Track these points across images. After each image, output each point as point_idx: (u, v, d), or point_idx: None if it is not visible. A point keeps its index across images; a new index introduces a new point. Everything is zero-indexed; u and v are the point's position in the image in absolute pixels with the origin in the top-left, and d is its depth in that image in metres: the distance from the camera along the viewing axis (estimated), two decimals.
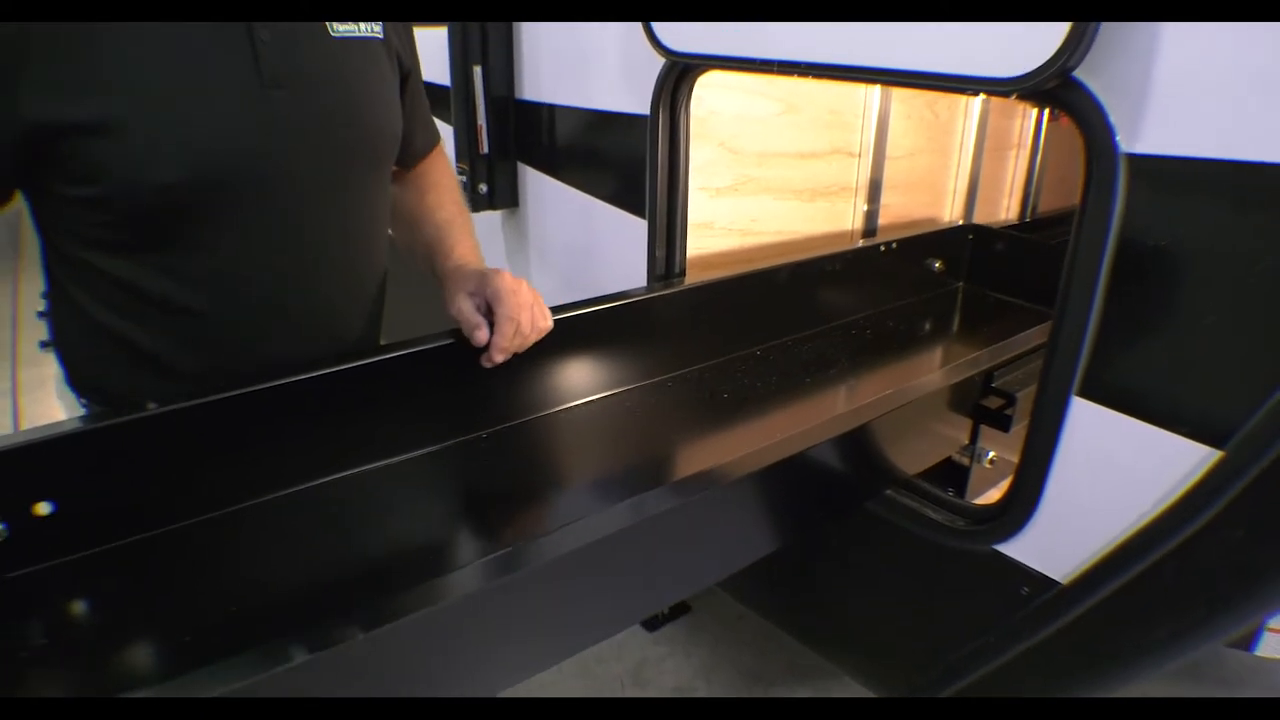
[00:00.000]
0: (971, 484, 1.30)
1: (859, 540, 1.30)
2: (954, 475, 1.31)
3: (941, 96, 2.00)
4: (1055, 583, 1.05)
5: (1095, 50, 0.86)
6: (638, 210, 1.56)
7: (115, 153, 0.86)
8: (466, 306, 1.06)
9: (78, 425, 0.85)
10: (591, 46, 1.57)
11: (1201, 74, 0.82)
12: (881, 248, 1.73)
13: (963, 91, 1.07)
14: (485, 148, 1.83)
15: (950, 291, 1.94)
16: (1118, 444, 0.95)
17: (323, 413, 0.99)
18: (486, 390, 1.13)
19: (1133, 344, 0.93)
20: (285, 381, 0.95)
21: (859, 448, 1.10)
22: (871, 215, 1.97)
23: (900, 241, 1.77)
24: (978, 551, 1.13)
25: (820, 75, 1.11)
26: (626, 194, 1.60)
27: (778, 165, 1.74)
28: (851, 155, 1.89)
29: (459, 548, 0.96)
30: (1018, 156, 2.29)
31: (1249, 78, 0.79)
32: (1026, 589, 1.08)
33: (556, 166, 1.79)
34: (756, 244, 1.76)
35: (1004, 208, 2.32)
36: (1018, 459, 1.08)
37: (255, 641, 0.63)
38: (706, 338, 1.41)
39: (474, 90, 1.78)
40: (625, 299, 1.30)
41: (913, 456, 1.22)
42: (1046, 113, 2.25)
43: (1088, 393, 0.97)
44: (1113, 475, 0.97)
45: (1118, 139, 0.88)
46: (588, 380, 1.25)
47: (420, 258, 1.22)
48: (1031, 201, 2.31)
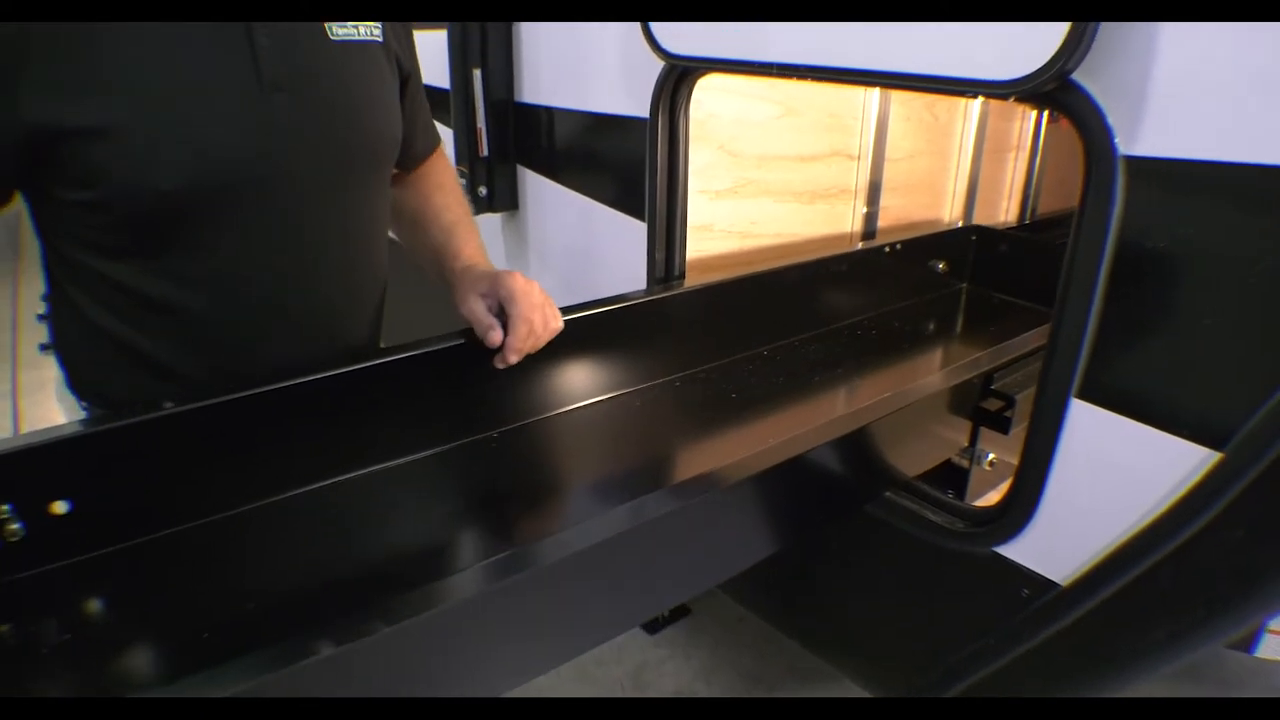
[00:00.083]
0: (971, 486, 1.30)
1: (858, 543, 1.30)
2: (954, 477, 1.31)
3: (941, 99, 2.01)
4: (1055, 585, 1.05)
5: (1094, 52, 0.86)
6: (637, 213, 1.56)
7: (115, 156, 0.86)
8: (479, 307, 1.06)
9: (97, 425, 0.85)
10: (591, 49, 1.57)
11: (1200, 76, 0.82)
12: (886, 249, 1.74)
13: (961, 94, 1.07)
14: (485, 150, 1.83)
15: (954, 292, 1.95)
16: (1117, 446, 0.95)
17: (329, 414, 0.99)
18: (490, 392, 1.13)
19: (1132, 346, 0.93)
20: (297, 382, 0.96)
21: (858, 450, 1.10)
22: (871, 217, 1.97)
23: (905, 243, 1.77)
24: (977, 554, 1.13)
25: (819, 78, 1.11)
26: (626, 197, 1.60)
27: (777, 168, 1.74)
28: (851, 158, 1.89)
29: (461, 550, 0.96)
30: (1017, 158, 2.30)
31: (1247, 80, 0.79)
32: (1026, 591, 1.08)
33: (556, 169, 1.79)
34: (756, 246, 1.76)
35: (1003, 209, 2.32)
36: (1017, 461, 1.08)
37: (264, 641, 0.63)
38: (715, 338, 1.42)
39: (474, 93, 1.78)
40: (634, 299, 1.31)
41: (912, 459, 1.22)
42: (1046, 115, 2.26)
43: (1087, 395, 0.97)
44: (1112, 477, 0.97)
45: (1116, 141, 0.88)
46: (595, 381, 1.25)
47: (426, 259, 1.22)
48: (1031, 203, 2.31)
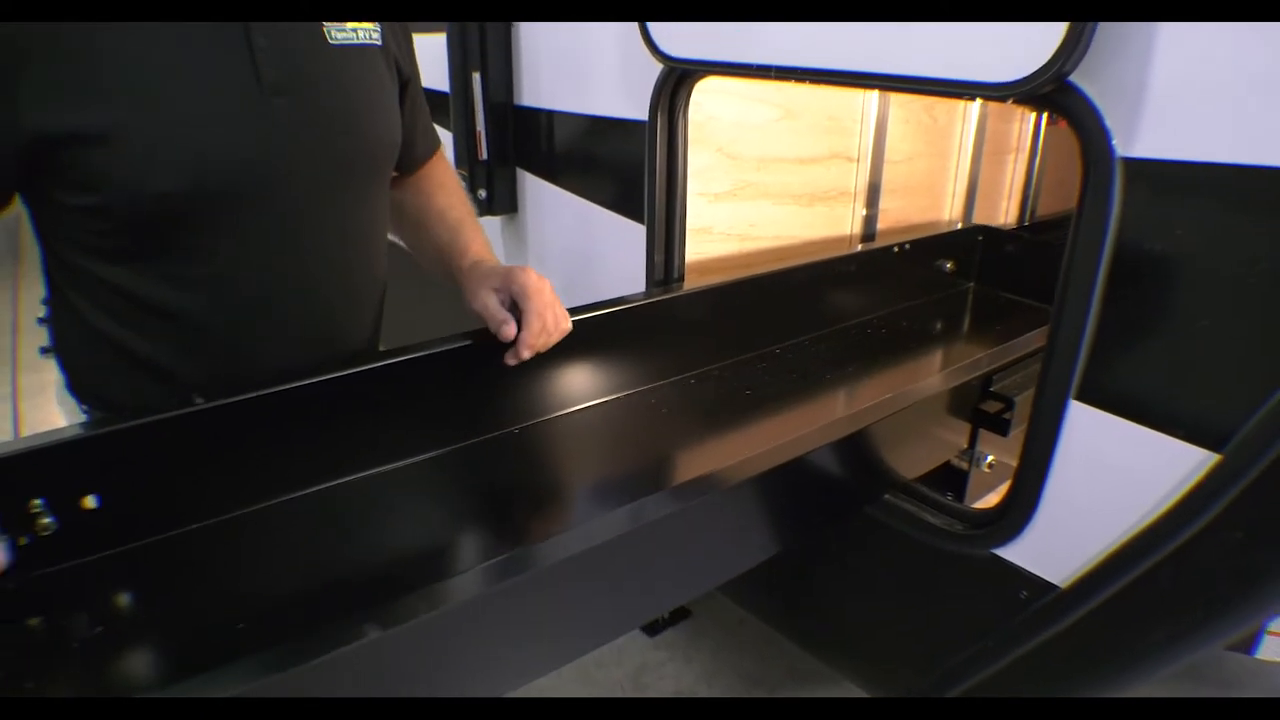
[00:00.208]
0: (970, 488, 1.30)
1: (858, 544, 1.30)
2: (953, 479, 1.31)
3: (940, 101, 2.01)
4: (1054, 586, 1.05)
5: (1091, 54, 0.86)
6: (636, 215, 1.56)
7: (115, 161, 0.86)
8: (492, 302, 1.05)
9: (128, 420, 0.86)
10: (590, 52, 1.57)
11: (1197, 78, 0.82)
12: (895, 249, 1.76)
13: (959, 96, 1.08)
14: (484, 153, 1.84)
15: (961, 292, 1.97)
16: (1116, 447, 0.95)
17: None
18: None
19: (1130, 347, 0.93)
20: (315, 381, 0.97)
21: (857, 452, 1.10)
22: (870, 220, 1.97)
23: (912, 243, 1.80)
24: (976, 556, 1.13)
25: (817, 80, 1.11)
26: (625, 199, 1.60)
27: (776, 170, 1.74)
28: (850, 160, 1.89)
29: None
30: (1016, 160, 2.30)
31: (1244, 81, 0.79)
32: (1025, 593, 1.08)
33: (555, 172, 1.79)
34: (755, 249, 1.76)
35: (1003, 211, 2.32)
36: (1016, 463, 1.08)
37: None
38: (729, 337, 1.44)
39: (473, 96, 1.78)
40: (652, 299, 1.33)
41: (911, 461, 1.22)
42: (1045, 116, 2.26)
43: (1085, 396, 0.97)
44: (1111, 479, 0.97)
45: (1114, 143, 0.88)
46: (606, 381, 1.26)
47: (431, 258, 1.21)
48: (1030, 205, 2.31)
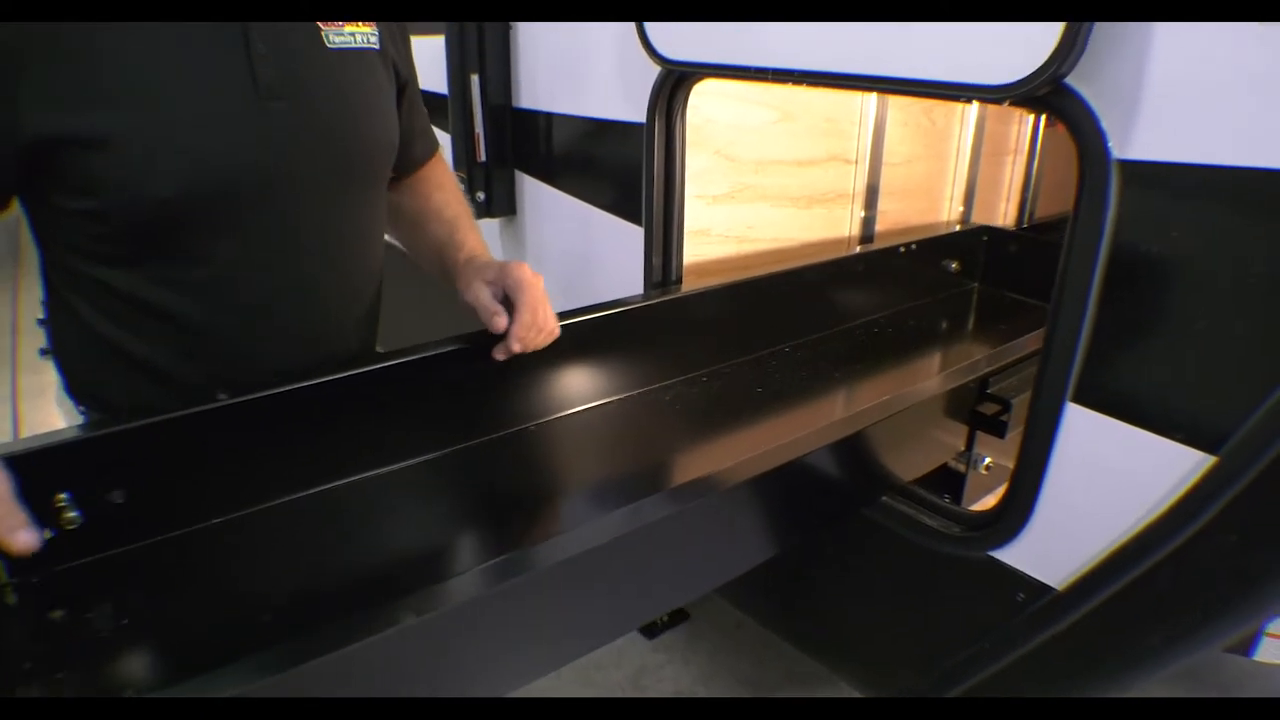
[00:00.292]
0: (968, 490, 1.30)
1: (855, 547, 1.30)
2: (950, 481, 1.31)
3: (938, 103, 2.01)
4: (1050, 589, 1.05)
5: (1087, 56, 0.86)
6: (634, 218, 1.56)
7: (113, 166, 0.86)
8: (485, 294, 1.05)
9: (155, 416, 0.87)
10: (587, 55, 1.57)
11: (1193, 80, 0.82)
12: (901, 249, 1.79)
13: (955, 98, 1.07)
14: (483, 156, 1.84)
15: (966, 292, 2.00)
16: (1112, 450, 0.95)
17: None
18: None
19: (1126, 349, 0.93)
20: (340, 376, 0.98)
21: (854, 454, 1.10)
22: (869, 222, 1.97)
23: (919, 243, 1.83)
24: (973, 558, 1.12)
25: (813, 83, 1.11)
26: (623, 202, 1.60)
27: (774, 173, 1.75)
28: (848, 162, 1.89)
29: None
30: (1015, 162, 2.30)
31: (1240, 84, 0.79)
32: (1022, 595, 1.07)
33: (554, 174, 1.79)
34: (754, 251, 1.76)
35: (1001, 213, 2.32)
36: (1013, 465, 1.08)
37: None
38: (740, 335, 1.47)
39: (471, 98, 1.78)
40: (665, 298, 1.35)
41: (909, 463, 1.22)
42: (1043, 118, 2.26)
43: (1082, 398, 0.97)
44: (1107, 481, 0.97)
45: (1110, 145, 0.89)
46: (620, 379, 1.27)
47: (427, 256, 1.21)
48: (1029, 207, 2.31)
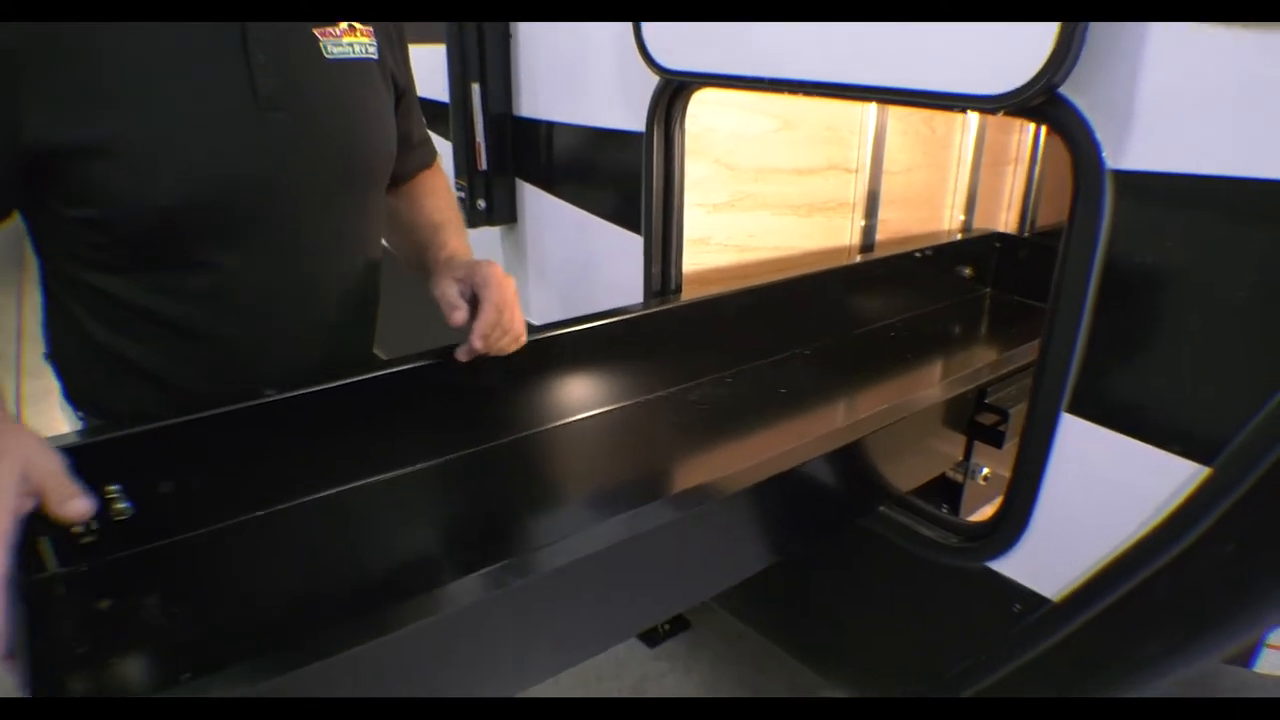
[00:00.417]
0: (966, 500, 1.30)
1: (853, 557, 1.30)
2: (948, 491, 1.30)
3: (938, 112, 2.01)
4: (1046, 600, 1.05)
5: (1080, 67, 0.86)
6: (634, 226, 1.56)
7: (113, 174, 0.87)
8: (451, 290, 1.03)
9: (205, 411, 0.91)
10: (587, 64, 1.58)
11: (1186, 90, 0.82)
12: (917, 254, 1.84)
13: (950, 108, 1.08)
14: (484, 164, 1.84)
15: (979, 297, 2.04)
16: (1107, 460, 0.95)
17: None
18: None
19: (1121, 360, 0.93)
20: (375, 375, 1.00)
21: (851, 464, 1.10)
22: (869, 230, 1.98)
23: (934, 249, 1.88)
24: (970, 569, 1.12)
25: (809, 92, 1.11)
26: (623, 210, 1.60)
27: (775, 181, 1.75)
28: (849, 171, 1.90)
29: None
30: (1015, 171, 2.30)
31: (1234, 93, 0.79)
32: (1018, 606, 1.07)
33: (554, 183, 1.80)
34: (754, 259, 1.76)
35: (1002, 221, 2.32)
36: (1009, 475, 1.08)
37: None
38: (763, 337, 1.51)
39: (472, 107, 1.79)
40: (689, 301, 1.41)
41: (907, 473, 1.22)
42: (1044, 127, 2.26)
43: (1077, 409, 0.97)
44: (1103, 492, 0.97)
45: (1104, 155, 0.88)
46: (648, 380, 1.29)
47: (411, 257, 1.21)
48: (1030, 215, 2.31)
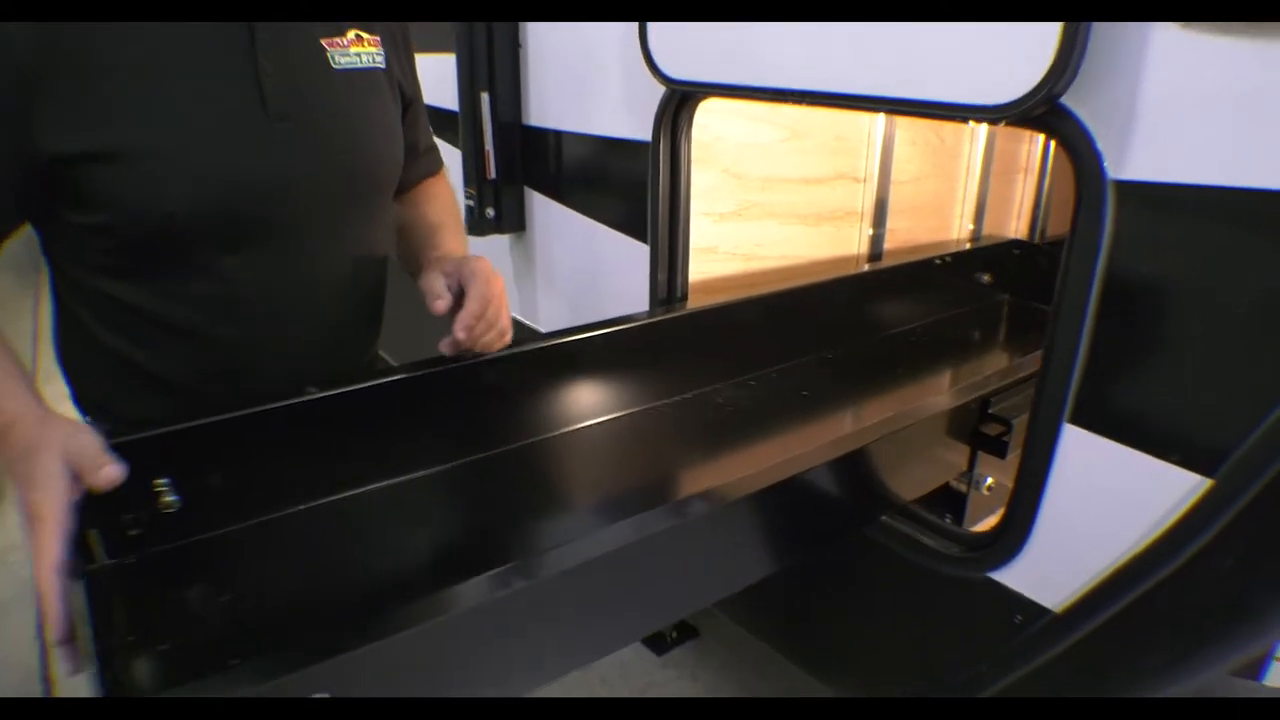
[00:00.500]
0: (970, 510, 1.29)
1: (856, 565, 1.29)
2: (952, 501, 1.30)
3: (946, 122, 2.01)
4: (1047, 611, 1.04)
5: (1082, 77, 0.87)
6: (641, 235, 1.57)
7: (122, 181, 0.88)
8: (438, 282, 1.03)
9: (253, 407, 0.93)
10: (595, 74, 1.59)
11: (1188, 100, 0.82)
12: (937, 261, 1.87)
13: (952, 118, 1.08)
14: (493, 172, 1.85)
15: (998, 303, 2.07)
16: (1109, 471, 0.95)
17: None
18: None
19: (1123, 371, 0.93)
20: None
21: (854, 472, 1.09)
22: (877, 239, 1.97)
23: (954, 255, 1.93)
24: (972, 579, 1.12)
25: (813, 103, 1.12)
26: (631, 219, 1.61)
27: (782, 190, 1.75)
28: (856, 180, 1.90)
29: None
30: (1025, 180, 2.29)
31: (1234, 104, 0.79)
32: (1020, 617, 1.06)
33: (563, 191, 1.81)
34: (761, 269, 1.77)
35: (1013, 230, 2.31)
36: (1010, 485, 1.07)
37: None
38: (788, 341, 1.54)
39: (481, 116, 1.80)
40: (709, 305, 1.44)
41: (910, 482, 1.22)
42: None
43: (1079, 420, 0.97)
44: (1104, 503, 0.96)
45: (1105, 165, 0.88)
46: (667, 382, 1.30)
47: (408, 261, 1.21)
48: (1040, 225, 2.30)
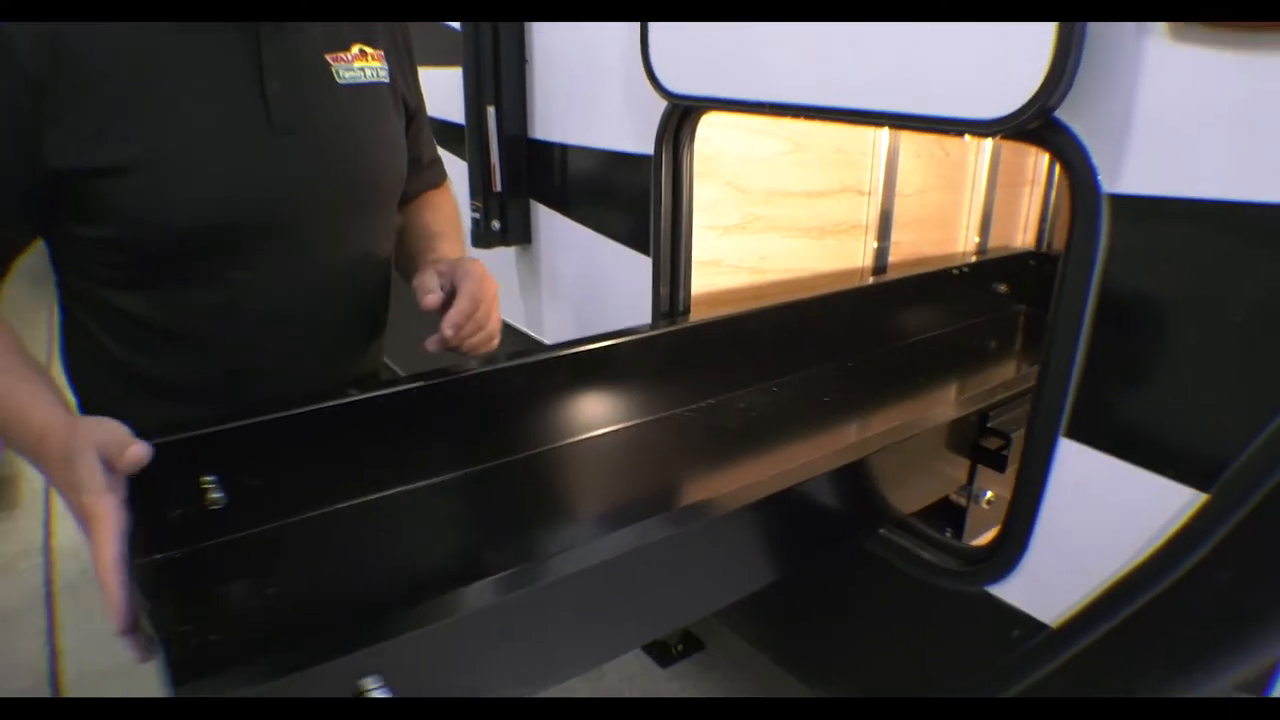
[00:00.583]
0: (970, 524, 1.29)
1: (853, 578, 1.29)
2: (952, 515, 1.29)
3: (944, 136, 2.02)
4: (1044, 625, 1.04)
5: (1075, 90, 0.87)
6: (644, 248, 1.58)
7: (130, 195, 0.89)
8: (431, 279, 1.04)
9: (301, 406, 0.95)
10: (599, 88, 1.60)
11: (1182, 114, 0.82)
12: (955, 271, 1.89)
13: (948, 132, 1.08)
14: (499, 185, 1.86)
15: (1014, 313, 2.07)
16: (1105, 486, 0.94)
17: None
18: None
19: (1119, 385, 0.92)
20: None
21: (853, 484, 1.09)
22: (882, 252, 1.97)
23: (970, 266, 1.95)
24: (969, 593, 1.11)
25: (811, 117, 1.13)
26: (634, 232, 1.61)
27: (786, 204, 1.76)
28: (861, 193, 1.90)
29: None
30: (1031, 193, 2.29)
31: (1229, 117, 0.79)
32: (1017, 632, 1.06)
33: (568, 204, 1.82)
34: (766, 281, 1.77)
35: (1019, 243, 2.30)
36: (1008, 499, 1.07)
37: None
38: (804, 351, 1.55)
39: (487, 129, 1.81)
40: (730, 314, 1.44)
41: (909, 495, 1.21)
42: None
43: (1075, 434, 0.96)
44: (1101, 517, 0.96)
45: (1100, 179, 0.88)
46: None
47: (406, 268, 1.21)
48: (1046, 237, 2.29)
